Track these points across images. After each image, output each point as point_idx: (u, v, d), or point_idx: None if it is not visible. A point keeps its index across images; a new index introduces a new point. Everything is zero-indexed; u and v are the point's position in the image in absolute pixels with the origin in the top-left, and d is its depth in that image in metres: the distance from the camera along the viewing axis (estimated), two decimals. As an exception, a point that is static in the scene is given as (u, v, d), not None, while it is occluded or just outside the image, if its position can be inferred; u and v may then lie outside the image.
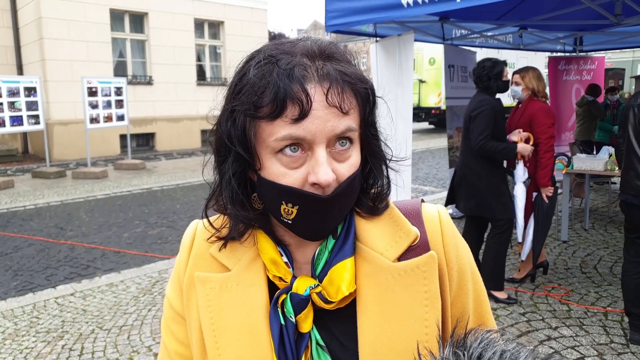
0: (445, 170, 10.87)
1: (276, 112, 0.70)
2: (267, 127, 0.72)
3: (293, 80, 0.69)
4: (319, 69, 0.72)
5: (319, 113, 0.70)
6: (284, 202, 0.74)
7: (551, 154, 4.11)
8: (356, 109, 0.75)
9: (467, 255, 0.86)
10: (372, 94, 0.78)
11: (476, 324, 0.86)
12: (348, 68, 0.75)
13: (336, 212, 0.76)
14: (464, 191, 4.23)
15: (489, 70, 4.05)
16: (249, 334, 0.79)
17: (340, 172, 0.73)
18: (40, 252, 5.81)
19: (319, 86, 0.71)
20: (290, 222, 0.75)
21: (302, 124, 0.70)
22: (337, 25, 4.56)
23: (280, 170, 0.73)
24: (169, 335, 0.90)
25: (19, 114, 10.03)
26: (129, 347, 3.53)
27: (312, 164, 0.72)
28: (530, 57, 16.35)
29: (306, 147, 0.72)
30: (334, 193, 0.72)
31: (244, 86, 0.73)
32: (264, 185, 0.76)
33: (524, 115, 4.19)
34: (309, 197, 0.72)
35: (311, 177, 0.71)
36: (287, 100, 0.69)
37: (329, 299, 0.77)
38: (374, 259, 0.79)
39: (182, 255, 0.89)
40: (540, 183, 4.14)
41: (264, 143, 0.73)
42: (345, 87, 0.73)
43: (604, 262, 5.02)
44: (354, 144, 0.76)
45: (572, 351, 3.32)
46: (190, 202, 8.37)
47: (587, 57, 8.02)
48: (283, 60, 0.72)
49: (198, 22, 15.71)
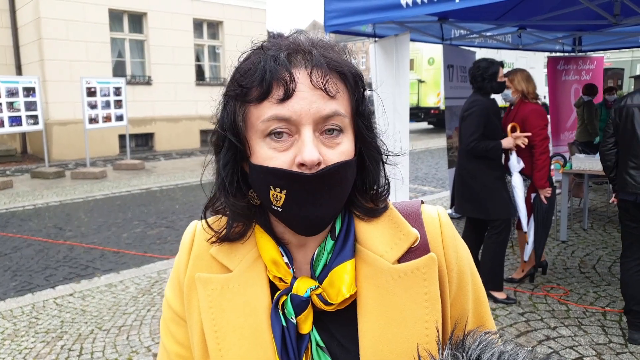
0: (445, 171, 10.88)
1: (263, 94, 0.73)
2: (255, 110, 0.74)
3: (279, 63, 0.72)
4: (305, 54, 0.75)
5: (304, 94, 0.72)
6: (272, 187, 0.74)
7: (547, 155, 4.13)
8: (344, 94, 0.76)
9: (466, 256, 0.87)
10: (360, 81, 0.79)
11: (476, 324, 0.87)
12: (334, 55, 0.77)
13: (325, 200, 0.75)
14: (461, 192, 4.25)
15: (484, 70, 4.05)
16: (252, 335, 0.79)
17: (328, 157, 0.73)
18: (39, 252, 5.80)
19: (304, 69, 0.73)
20: (280, 209, 0.75)
21: (288, 104, 0.72)
22: (336, 25, 4.56)
23: (268, 153, 0.74)
24: (168, 337, 0.90)
25: (17, 114, 10.02)
26: (128, 348, 3.53)
27: (299, 146, 0.73)
28: (529, 57, 16.35)
29: (293, 130, 0.73)
30: (320, 172, 0.72)
31: (235, 75, 0.77)
32: (253, 172, 0.77)
33: (517, 118, 4.21)
34: (294, 176, 0.72)
35: (297, 158, 0.72)
36: (272, 82, 0.72)
37: (329, 301, 0.77)
38: (374, 261, 0.79)
39: (181, 256, 0.89)
40: (538, 185, 4.16)
41: (253, 128, 0.75)
42: (330, 71, 0.74)
43: (603, 262, 5.03)
44: (345, 132, 0.76)
45: (571, 351, 3.33)
46: (190, 202, 8.37)
47: (586, 57, 8.02)
48: (272, 49, 0.75)
49: (197, 22, 15.70)
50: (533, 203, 4.31)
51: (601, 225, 6.37)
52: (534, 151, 4.10)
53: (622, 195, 3.54)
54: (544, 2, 5.38)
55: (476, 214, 4.18)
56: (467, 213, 4.29)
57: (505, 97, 4.36)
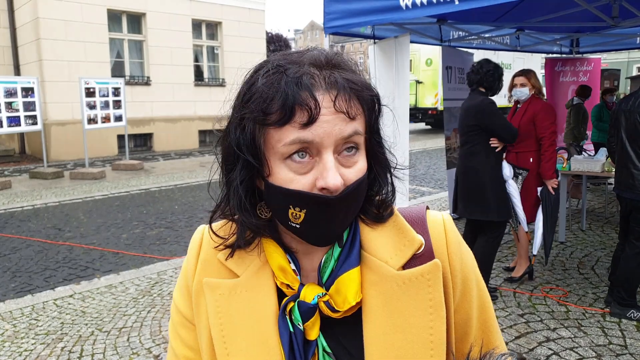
0: (443, 171, 10.89)
1: (285, 118, 0.71)
2: (276, 133, 0.73)
3: (301, 87, 0.71)
4: (327, 77, 0.74)
5: (327, 118, 0.72)
6: (291, 207, 0.74)
7: (554, 147, 4.32)
8: (362, 115, 0.77)
9: (471, 262, 0.87)
10: (378, 102, 0.80)
11: (480, 330, 0.87)
12: (354, 77, 0.77)
13: (343, 216, 0.76)
14: (467, 195, 4.23)
15: (494, 70, 4.12)
16: (260, 340, 0.80)
17: (347, 177, 0.74)
18: (39, 253, 5.80)
19: (327, 93, 0.72)
20: (298, 226, 0.76)
21: (311, 128, 0.71)
22: (335, 27, 4.56)
23: (288, 176, 0.74)
24: (177, 341, 0.90)
25: (16, 115, 10.01)
26: (129, 349, 3.53)
27: (320, 169, 0.73)
28: (526, 58, 16.40)
29: (314, 153, 0.73)
30: (342, 194, 0.73)
31: (253, 95, 0.74)
32: (272, 191, 0.76)
33: (526, 114, 4.37)
34: (317, 199, 0.73)
35: (319, 182, 0.72)
36: (295, 107, 0.71)
37: (336, 308, 0.78)
38: (379, 267, 0.80)
39: (189, 260, 0.89)
40: (545, 176, 4.31)
41: (273, 149, 0.74)
42: (352, 94, 0.74)
43: (602, 263, 5.05)
44: (360, 149, 0.77)
45: (571, 352, 3.34)
46: (189, 203, 8.37)
47: (583, 59, 8.05)
48: (291, 69, 0.73)
49: (196, 22, 15.70)
50: (541, 195, 4.42)
51: (599, 226, 6.39)
52: (542, 143, 4.28)
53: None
54: (543, 4, 5.39)
55: (484, 216, 4.17)
56: (473, 215, 4.24)
57: (521, 96, 4.48)
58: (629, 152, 3.72)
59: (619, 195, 3.95)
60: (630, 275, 3.76)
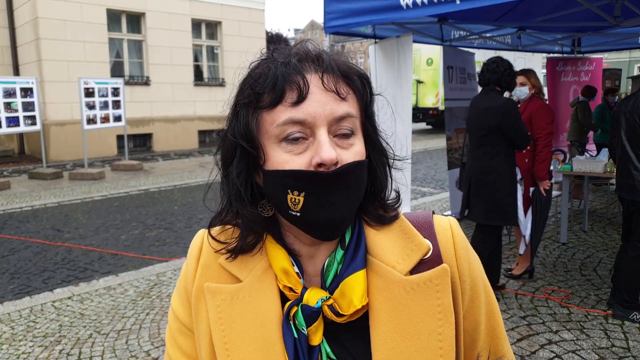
0: (444, 172, 10.87)
1: (276, 99, 0.73)
2: (269, 115, 0.74)
3: (290, 68, 0.74)
4: (315, 60, 0.76)
5: (317, 97, 0.73)
6: (289, 191, 0.74)
7: (549, 148, 4.28)
8: (354, 97, 0.78)
9: (479, 268, 0.86)
10: (368, 84, 0.81)
11: (488, 337, 0.87)
12: (342, 60, 0.80)
13: (343, 199, 0.75)
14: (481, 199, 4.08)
15: (510, 68, 4.04)
16: (263, 346, 0.78)
17: (343, 157, 0.74)
18: (37, 254, 5.77)
19: (315, 73, 0.75)
20: (298, 214, 0.75)
21: (302, 106, 0.73)
22: (336, 26, 4.54)
23: (284, 157, 0.74)
24: (174, 348, 0.88)
25: (15, 115, 9.99)
26: (127, 352, 3.50)
27: (315, 147, 0.73)
28: (527, 58, 16.37)
29: (308, 134, 0.74)
30: (338, 170, 0.72)
31: (245, 84, 0.78)
32: (269, 179, 0.76)
33: (525, 113, 4.36)
34: (313, 176, 0.72)
35: (315, 159, 0.72)
36: (285, 86, 0.73)
37: (340, 312, 0.77)
38: (386, 272, 0.79)
39: (189, 265, 0.87)
40: (538, 177, 4.27)
41: (267, 133, 0.75)
42: (340, 75, 0.76)
43: (604, 264, 5.01)
44: (356, 134, 0.77)
45: (574, 355, 3.31)
46: (188, 204, 8.34)
47: (585, 59, 8.03)
48: (281, 56, 0.77)
49: (195, 22, 15.68)
50: (532, 196, 4.40)
51: (601, 227, 6.36)
52: (537, 143, 4.25)
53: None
54: (544, 3, 5.37)
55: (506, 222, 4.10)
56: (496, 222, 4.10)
57: (521, 95, 4.47)
58: (629, 153, 3.71)
59: (620, 196, 3.96)
60: (632, 277, 3.74)
